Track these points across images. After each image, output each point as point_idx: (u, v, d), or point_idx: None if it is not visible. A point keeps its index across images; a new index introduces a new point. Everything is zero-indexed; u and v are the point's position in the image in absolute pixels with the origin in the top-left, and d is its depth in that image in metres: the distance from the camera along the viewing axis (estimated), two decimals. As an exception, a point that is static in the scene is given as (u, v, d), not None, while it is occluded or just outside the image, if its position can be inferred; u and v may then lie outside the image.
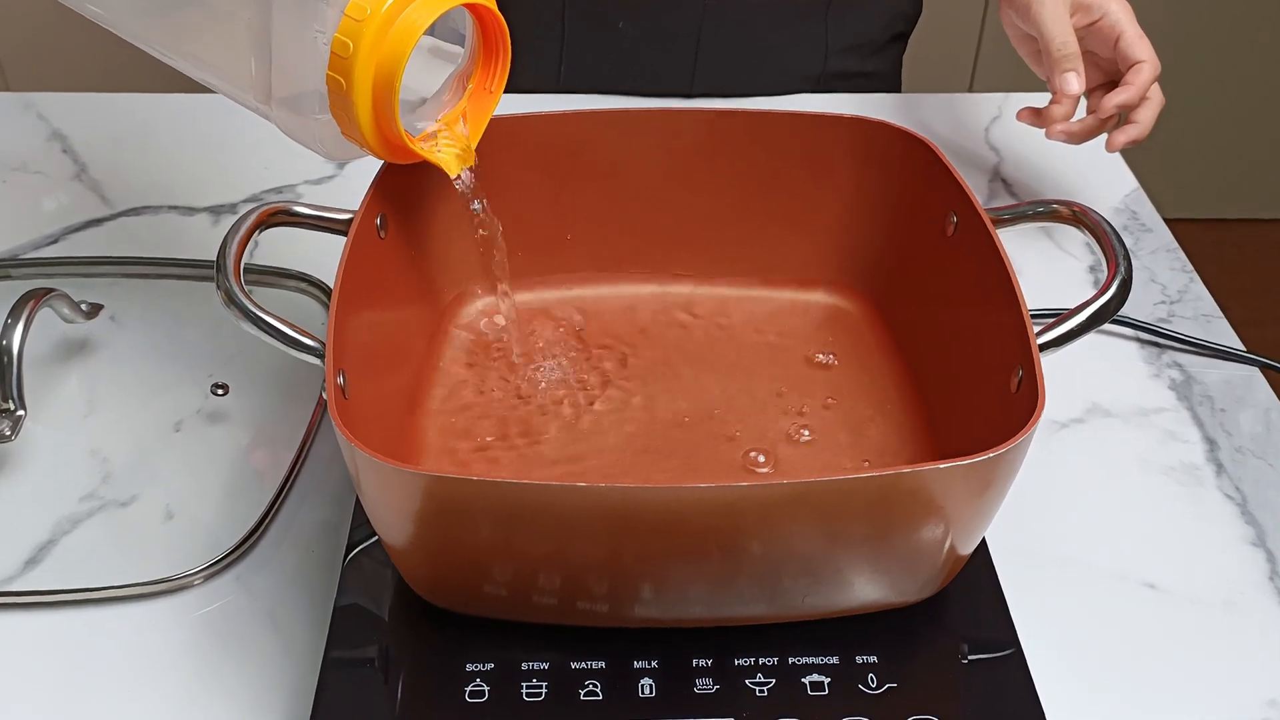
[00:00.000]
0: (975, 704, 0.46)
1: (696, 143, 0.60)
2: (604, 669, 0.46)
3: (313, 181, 0.78)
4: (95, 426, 0.61)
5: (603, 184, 0.61)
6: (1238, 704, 0.49)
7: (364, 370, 0.49)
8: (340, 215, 0.52)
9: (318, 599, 0.52)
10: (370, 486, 0.44)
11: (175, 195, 0.77)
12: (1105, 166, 0.82)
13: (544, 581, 0.45)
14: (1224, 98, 1.93)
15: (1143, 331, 0.67)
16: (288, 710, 0.48)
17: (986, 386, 0.49)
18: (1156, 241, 0.75)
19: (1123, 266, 0.49)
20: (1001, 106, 0.87)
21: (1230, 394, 0.64)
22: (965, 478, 0.42)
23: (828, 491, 0.42)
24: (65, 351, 0.64)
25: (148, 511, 0.56)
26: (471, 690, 0.46)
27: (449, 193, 0.59)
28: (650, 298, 0.63)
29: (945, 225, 0.55)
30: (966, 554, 0.48)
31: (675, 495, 0.42)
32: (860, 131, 0.59)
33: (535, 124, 0.59)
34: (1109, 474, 0.59)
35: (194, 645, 0.51)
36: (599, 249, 0.62)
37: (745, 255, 0.62)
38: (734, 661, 0.47)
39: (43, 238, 0.73)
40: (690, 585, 0.45)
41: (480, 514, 0.42)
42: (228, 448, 0.59)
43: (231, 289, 0.48)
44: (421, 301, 0.59)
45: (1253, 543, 0.56)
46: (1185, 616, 0.53)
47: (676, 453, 0.55)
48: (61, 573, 0.54)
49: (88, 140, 0.81)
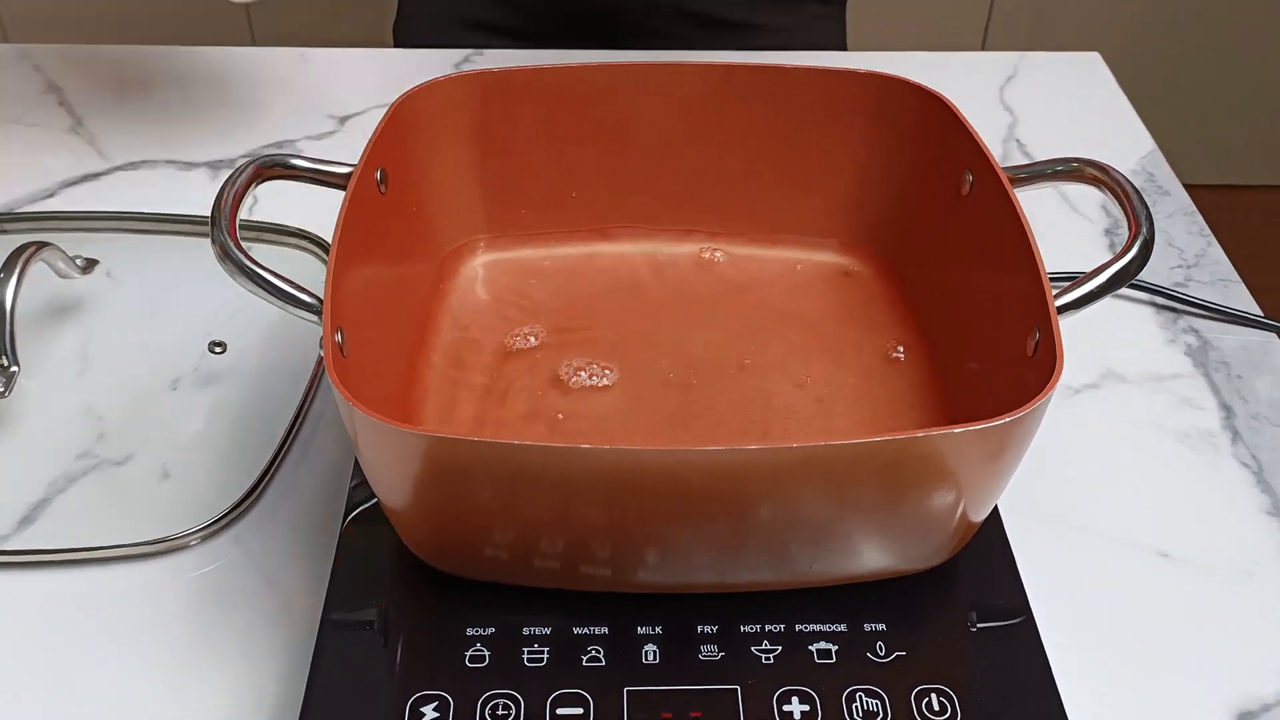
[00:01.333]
0: (986, 672, 0.45)
1: (705, 97, 0.58)
2: (606, 634, 0.46)
3: (313, 137, 0.77)
4: (90, 384, 0.59)
5: (608, 140, 0.59)
6: (1252, 674, 0.48)
7: (363, 328, 0.48)
8: (339, 169, 0.51)
9: (316, 560, 0.51)
10: (368, 447, 0.43)
11: (173, 149, 0.76)
12: (1122, 128, 0.80)
13: (546, 545, 0.44)
14: (1240, 63, 1.90)
15: (1159, 296, 0.66)
16: (285, 672, 0.47)
17: (1002, 349, 0.48)
18: (1174, 205, 0.73)
19: (1144, 227, 0.47)
20: (1017, 65, 0.85)
21: (1247, 360, 0.63)
22: (980, 443, 0.41)
23: (837, 456, 0.40)
24: (60, 308, 0.63)
25: (144, 470, 0.55)
26: (472, 654, 0.45)
27: (450, 147, 0.58)
28: (657, 256, 0.61)
29: (961, 184, 0.53)
30: (979, 521, 0.47)
31: (681, 458, 0.40)
32: (874, 87, 0.57)
33: (539, 77, 0.57)
34: (1123, 441, 0.58)
35: (191, 606, 0.50)
36: (604, 206, 0.61)
37: (755, 213, 0.61)
38: (739, 628, 0.46)
39: (38, 191, 0.72)
40: (695, 550, 0.44)
41: (481, 475, 0.41)
42: (225, 407, 0.58)
43: (227, 243, 0.46)
44: (422, 257, 0.58)
45: (1268, 511, 0.55)
46: (1199, 585, 0.52)
47: (681, 413, 0.54)
48: (56, 532, 0.53)
49: (84, 93, 0.80)
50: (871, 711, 0.43)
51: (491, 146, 0.58)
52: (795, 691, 0.44)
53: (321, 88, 0.81)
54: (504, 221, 0.60)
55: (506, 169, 0.56)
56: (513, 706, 0.43)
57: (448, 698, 0.44)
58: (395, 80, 0.56)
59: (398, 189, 0.54)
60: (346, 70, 0.83)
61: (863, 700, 0.44)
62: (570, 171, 0.60)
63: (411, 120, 0.55)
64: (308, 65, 0.84)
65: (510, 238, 0.61)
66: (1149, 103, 0.98)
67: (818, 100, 0.58)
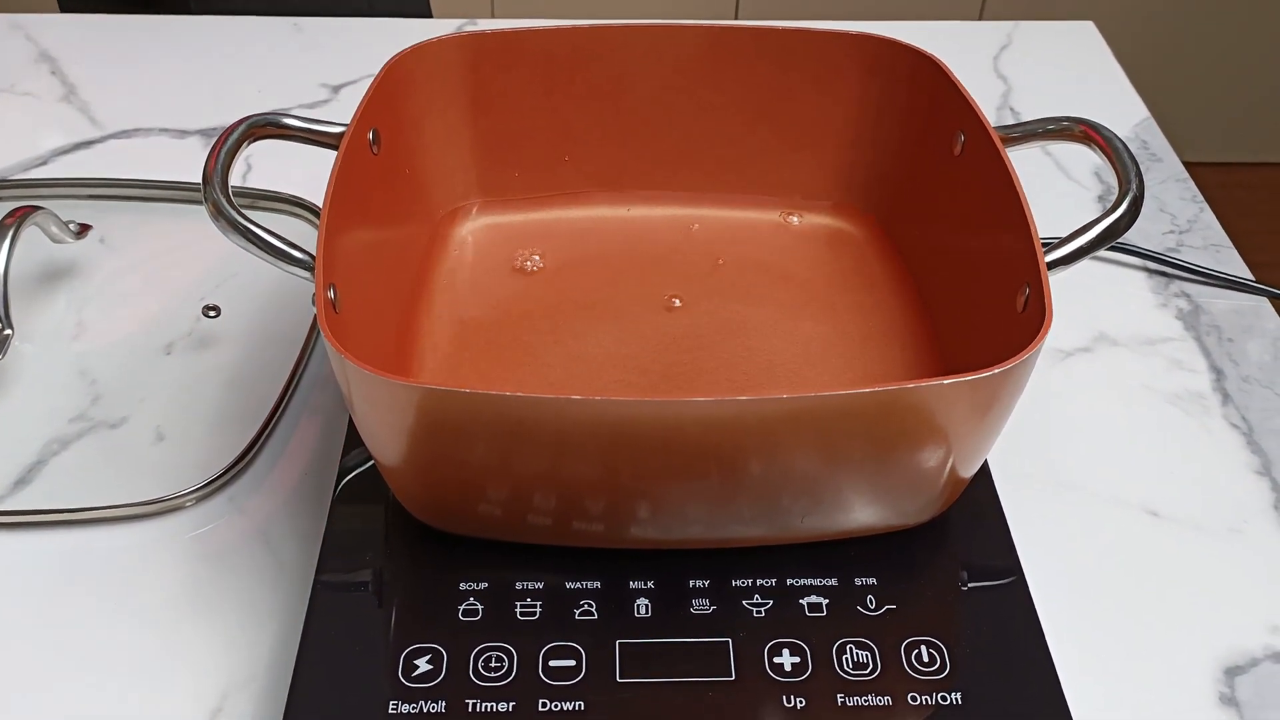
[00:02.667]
0: (976, 626, 0.45)
1: (699, 59, 0.58)
2: (599, 589, 0.46)
3: (306, 105, 0.77)
4: (84, 348, 0.60)
5: (603, 102, 0.59)
6: (1240, 630, 0.48)
7: (356, 286, 0.48)
8: (332, 128, 0.51)
9: (311, 520, 0.51)
10: (361, 400, 0.43)
11: (166, 118, 0.75)
12: (1117, 96, 0.80)
13: (539, 499, 0.45)
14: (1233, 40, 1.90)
15: (1151, 260, 0.66)
16: (280, 630, 0.48)
17: (993, 307, 0.48)
18: (1166, 171, 0.73)
19: (1134, 184, 0.48)
20: (1011, 34, 0.85)
21: (1238, 323, 0.63)
22: (969, 395, 0.41)
23: (828, 407, 0.41)
24: (53, 273, 0.63)
25: (138, 433, 0.55)
26: (465, 609, 0.45)
27: (443, 109, 0.58)
28: (650, 216, 0.61)
29: (953, 144, 0.54)
30: (968, 476, 0.47)
31: (673, 409, 0.41)
32: (867, 48, 0.57)
33: (533, 39, 0.57)
34: (1115, 403, 0.58)
35: (186, 566, 0.50)
36: (598, 168, 0.61)
37: (748, 175, 0.61)
38: (731, 582, 0.46)
39: (31, 159, 0.72)
40: (688, 504, 0.45)
41: (473, 428, 0.41)
42: (220, 370, 0.58)
43: (219, 201, 0.46)
44: (416, 217, 0.58)
45: (1258, 471, 0.55)
46: (1189, 543, 0.52)
47: (675, 372, 0.54)
48: (51, 493, 0.53)
49: (77, 61, 0.80)
50: (861, 663, 0.44)
51: (484, 109, 0.58)
52: (786, 644, 0.44)
53: (315, 56, 0.81)
54: (497, 183, 0.60)
55: (499, 131, 0.56)
56: (505, 659, 0.44)
57: (441, 650, 0.44)
58: (389, 49, 0.56)
59: (390, 150, 0.54)
60: (340, 39, 0.83)
61: (853, 652, 0.44)
62: (563, 133, 0.60)
63: (404, 82, 0.55)
64: (301, 34, 0.84)
65: (504, 200, 0.61)
66: (1144, 76, 0.98)
67: (810, 61, 0.58)
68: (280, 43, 0.82)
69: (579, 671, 0.43)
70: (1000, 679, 0.44)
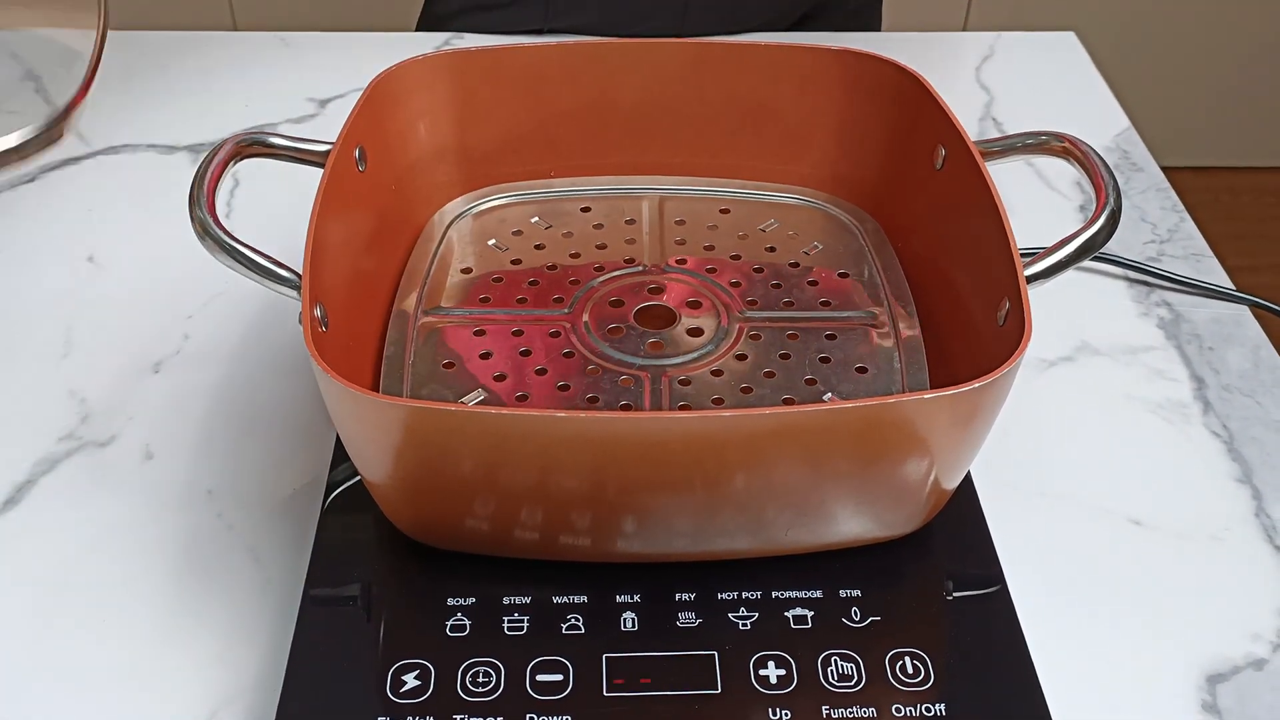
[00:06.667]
0: (959, 637, 0.46)
1: (682, 75, 0.59)
2: (586, 603, 0.46)
3: (293, 120, 0.77)
4: (73, 367, 0.60)
5: (587, 118, 0.60)
6: (1222, 638, 0.49)
7: (342, 303, 0.48)
8: (318, 146, 0.51)
9: (299, 535, 0.52)
10: (347, 418, 0.43)
11: (154, 134, 0.76)
12: (1097, 106, 0.81)
13: (526, 515, 0.45)
14: (1216, 45, 1.91)
15: (1132, 270, 0.67)
16: (268, 645, 0.48)
17: (974, 321, 0.49)
18: (1147, 181, 0.74)
19: (1111, 198, 0.48)
20: (993, 45, 0.86)
21: (1219, 332, 0.63)
22: (950, 409, 0.42)
23: (811, 421, 0.41)
24: (42, 289, 0.63)
25: (127, 451, 0.56)
26: (453, 624, 0.46)
27: (428, 126, 0.58)
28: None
29: (934, 158, 0.54)
30: (951, 488, 0.47)
31: (658, 425, 0.41)
32: (847, 64, 0.58)
33: (519, 56, 0.58)
34: (1097, 412, 0.59)
35: (175, 582, 0.50)
36: (581, 177, 0.61)
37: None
38: (717, 595, 0.47)
39: (19, 177, 0.72)
40: (673, 518, 0.45)
41: (458, 445, 0.42)
42: (208, 388, 0.59)
43: (206, 220, 0.47)
44: (400, 233, 0.58)
45: (1239, 479, 0.56)
46: (1170, 552, 0.52)
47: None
48: (40, 513, 0.53)
49: (63, 79, 0.80)
50: (846, 675, 0.44)
51: (469, 125, 0.59)
52: (771, 656, 0.45)
53: (302, 72, 0.81)
54: (482, 198, 0.61)
55: (484, 146, 0.57)
56: (493, 673, 0.44)
57: (429, 666, 0.44)
58: (375, 64, 0.56)
59: (376, 167, 0.54)
60: (326, 54, 0.84)
61: (838, 664, 0.44)
62: (547, 148, 0.60)
63: (389, 99, 0.56)
64: (288, 49, 0.84)
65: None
66: (1126, 82, 0.99)
67: (792, 78, 0.58)
68: (267, 57, 0.83)
69: (566, 685, 0.44)
70: (984, 689, 0.44)
